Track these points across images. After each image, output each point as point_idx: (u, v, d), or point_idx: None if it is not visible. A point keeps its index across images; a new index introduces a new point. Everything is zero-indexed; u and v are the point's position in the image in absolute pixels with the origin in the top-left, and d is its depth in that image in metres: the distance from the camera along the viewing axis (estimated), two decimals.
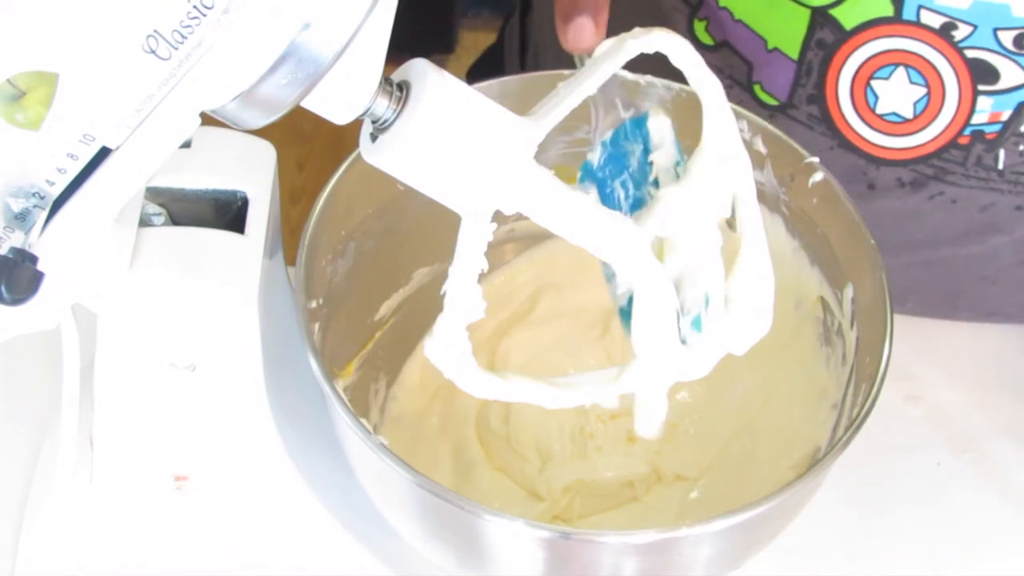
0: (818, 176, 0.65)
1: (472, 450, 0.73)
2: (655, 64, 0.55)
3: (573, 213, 0.50)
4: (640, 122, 0.59)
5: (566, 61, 0.57)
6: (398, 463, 0.54)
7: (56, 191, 0.43)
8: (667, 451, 0.73)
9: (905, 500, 0.74)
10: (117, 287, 0.57)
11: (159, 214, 0.60)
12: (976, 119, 0.70)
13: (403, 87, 0.47)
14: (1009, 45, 0.66)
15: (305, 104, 0.44)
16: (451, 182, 0.47)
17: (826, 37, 0.69)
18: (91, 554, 0.66)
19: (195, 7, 0.39)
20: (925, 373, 0.80)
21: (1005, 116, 0.70)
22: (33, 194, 0.43)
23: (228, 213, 0.62)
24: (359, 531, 0.68)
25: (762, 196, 0.54)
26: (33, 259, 0.43)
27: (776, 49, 0.72)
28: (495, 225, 0.49)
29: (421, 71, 0.47)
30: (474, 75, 1.11)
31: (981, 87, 0.68)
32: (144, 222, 0.59)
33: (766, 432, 0.71)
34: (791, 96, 0.73)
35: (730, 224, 0.68)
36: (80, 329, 0.58)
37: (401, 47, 0.49)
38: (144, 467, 0.65)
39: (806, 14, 0.70)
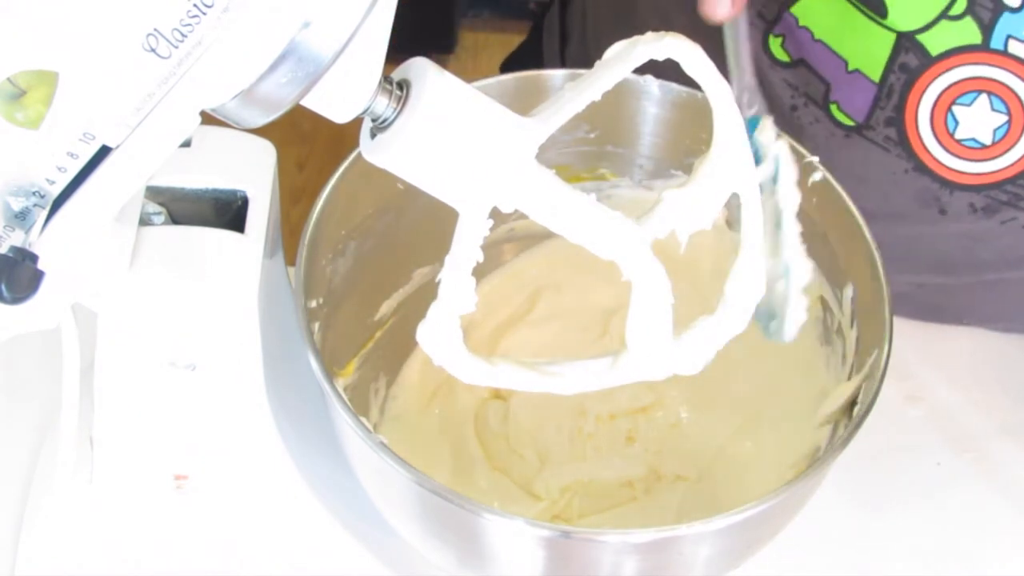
0: (818, 176, 0.65)
1: (471, 449, 0.73)
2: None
3: (573, 212, 0.50)
4: (751, 124, 0.59)
5: None
6: (398, 462, 0.54)
7: (56, 190, 0.43)
8: (666, 451, 0.73)
9: (905, 500, 0.74)
10: (117, 286, 0.57)
11: (159, 213, 0.60)
12: None
13: (403, 86, 0.47)
14: None
15: (305, 103, 0.44)
16: (451, 180, 0.48)
17: (910, 61, 0.69)
18: (91, 554, 0.66)
19: (195, 5, 0.39)
20: (925, 373, 0.80)
21: None
22: (33, 193, 0.43)
23: (228, 212, 0.62)
24: (359, 531, 0.68)
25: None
26: (33, 258, 0.43)
27: (857, 71, 0.72)
28: (492, 221, 0.49)
29: (421, 70, 0.47)
30: (509, 70, 1.11)
31: None
32: (144, 221, 0.59)
33: (766, 432, 0.71)
34: (869, 117, 0.73)
35: (729, 224, 0.69)
36: (80, 329, 0.58)
37: (401, 47, 0.49)
38: (144, 467, 0.65)
39: (891, 38, 0.70)
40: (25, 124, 0.42)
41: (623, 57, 0.51)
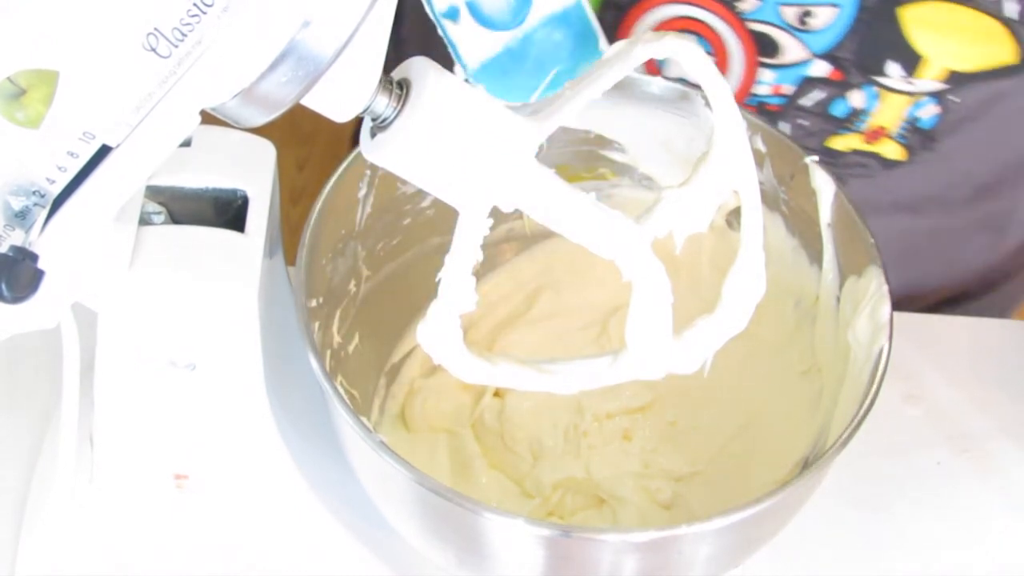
0: (817, 175, 0.65)
1: (470, 448, 0.73)
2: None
3: (573, 211, 0.50)
4: None
5: None
6: (398, 461, 0.54)
7: (56, 189, 0.43)
8: (663, 450, 0.73)
9: (905, 500, 0.74)
10: (117, 286, 0.57)
11: (159, 212, 0.60)
12: (758, 90, 0.71)
13: (403, 85, 0.47)
14: (792, 21, 0.67)
15: (305, 102, 0.44)
16: (450, 179, 0.48)
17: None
18: (91, 554, 0.66)
19: (195, 5, 0.40)
20: (925, 372, 0.80)
21: (787, 90, 0.70)
22: (33, 192, 0.43)
23: (228, 212, 0.62)
24: (359, 531, 0.68)
25: (762, 195, 0.55)
26: (34, 257, 0.43)
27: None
28: (492, 221, 0.49)
29: (421, 69, 0.47)
30: None
31: (763, 59, 0.69)
32: (144, 220, 0.59)
33: (765, 431, 0.71)
34: None
35: (729, 223, 0.69)
36: (80, 329, 0.58)
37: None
38: (144, 467, 0.65)
39: None
40: (25, 124, 0.42)
41: (623, 56, 0.51)
